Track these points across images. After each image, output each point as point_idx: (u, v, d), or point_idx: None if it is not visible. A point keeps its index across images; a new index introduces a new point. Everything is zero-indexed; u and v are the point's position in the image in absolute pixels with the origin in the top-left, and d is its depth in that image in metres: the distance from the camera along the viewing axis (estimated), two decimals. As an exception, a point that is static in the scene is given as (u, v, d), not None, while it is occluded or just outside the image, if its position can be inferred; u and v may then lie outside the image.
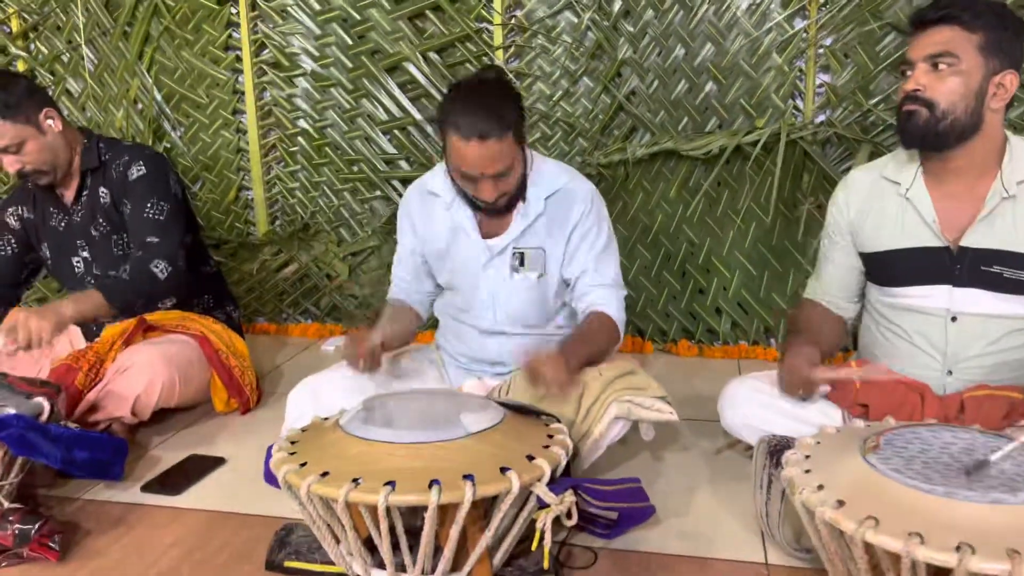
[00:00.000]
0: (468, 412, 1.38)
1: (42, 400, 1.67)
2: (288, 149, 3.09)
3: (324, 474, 1.25)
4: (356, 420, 1.37)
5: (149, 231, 2.12)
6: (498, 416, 1.39)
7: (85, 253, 2.23)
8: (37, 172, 2.10)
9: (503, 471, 1.25)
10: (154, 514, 1.74)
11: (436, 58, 2.86)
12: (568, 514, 1.28)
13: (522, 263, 1.86)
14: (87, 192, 2.19)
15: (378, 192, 3.02)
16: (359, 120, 2.98)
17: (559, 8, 2.72)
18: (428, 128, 2.91)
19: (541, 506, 1.28)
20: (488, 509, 1.32)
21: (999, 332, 1.60)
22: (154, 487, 1.84)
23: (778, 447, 1.47)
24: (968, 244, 1.59)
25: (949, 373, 1.64)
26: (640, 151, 2.70)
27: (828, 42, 2.57)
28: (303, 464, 1.29)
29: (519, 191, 1.80)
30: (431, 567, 1.30)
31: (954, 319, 1.62)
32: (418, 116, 2.90)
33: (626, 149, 2.71)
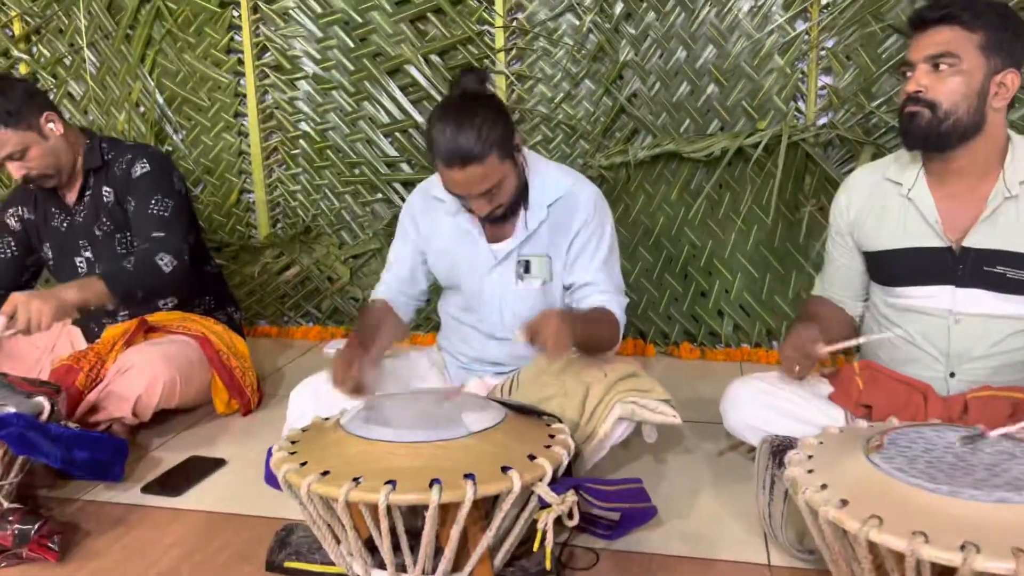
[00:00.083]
0: (469, 412, 1.37)
1: (42, 399, 1.67)
2: (290, 152, 3.09)
3: (324, 473, 1.24)
4: (357, 419, 1.37)
5: (154, 227, 2.12)
6: (499, 416, 1.39)
7: (88, 253, 2.22)
8: (42, 176, 2.10)
9: (504, 470, 1.24)
10: (154, 515, 1.73)
11: (438, 60, 2.86)
12: (570, 514, 1.27)
13: (527, 270, 1.85)
14: (90, 192, 2.19)
15: (379, 195, 3.02)
16: (361, 123, 2.98)
17: (561, 11, 2.72)
18: (430, 130, 2.92)
19: (542, 506, 1.27)
20: (489, 509, 1.31)
21: (1002, 333, 1.59)
22: (154, 488, 1.84)
23: (781, 447, 1.46)
24: (970, 244, 1.58)
25: (952, 375, 1.63)
26: (642, 153, 2.69)
27: (830, 44, 2.57)
28: (303, 463, 1.29)
29: (518, 199, 1.80)
30: (432, 567, 1.29)
31: (957, 320, 1.61)
32: (419, 119, 2.90)
33: (628, 151, 2.71)
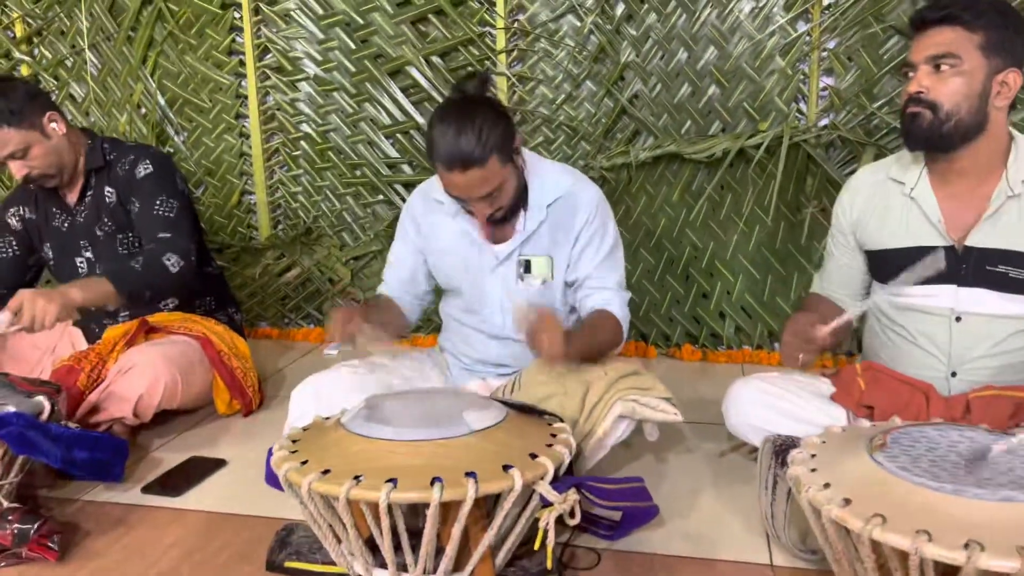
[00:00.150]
0: (471, 410, 1.37)
1: (42, 399, 1.66)
2: (291, 153, 3.09)
3: (325, 472, 1.23)
4: (358, 418, 1.36)
5: (160, 228, 2.12)
6: (501, 414, 1.38)
7: (88, 253, 2.22)
8: (44, 176, 2.10)
9: (506, 469, 1.23)
10: (154, 515, 1.73)
11: (439, 62, 2.86)
12: (571, 513, 1.26)
13: (528, 270, 1.85)
14: (92, 192, 2.19)
15: (381, 196, 3.02)
16: (362, 124, 2.98)
17: (562, 12, 2.72)
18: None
19: (544, 505, 1.27)
20: (491, 508, 1.31)
21: (1004, 332, 1.59)
22: (155, 488, 1.83)
23: (783, 447, 1.45)
24: (973, 244, 1.58)
25: (953, 374, 1.63)
26: (643, 154, 2.69)
27: (831, 45, 2.57)
28: (304, 462, 1.28)
29: (518, 200, 1.80)
30: (433, 567, 1.29)
31: (958, 319, 1.61)
32: (421, 120, 2.90)
33: (629, 153, 2.71)
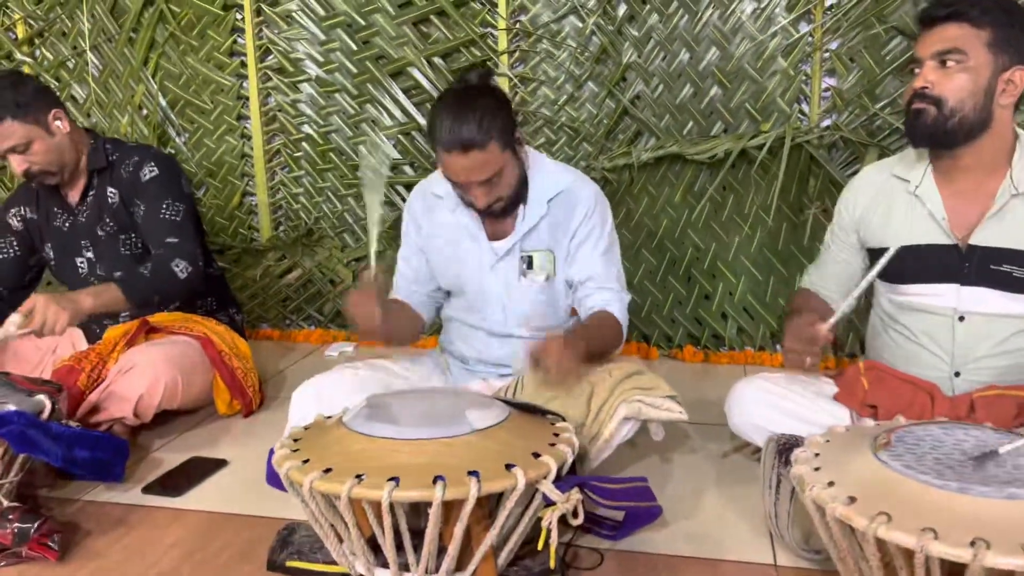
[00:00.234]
0: (473, 409, 1.36)
1: (43, 398, 1.66)
2: (292, 154, 3.09)
3: (327, 470, 1.23)
4: (360, 417, 1.36)
5: (167, 232, 2.12)
6: (503, 414, 1.38)
7: (89, 253, 2.22)
8: (44, 173, 2.10)
9: (508, 468, 1.23)
10: (155, 515, 1.72)
11: (441, 63, 2.86)
12: (574, 512, 1.26)
13: (530, 266, 1.85)
14: (94, 192, 2.19)
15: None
16: (364, 125, 2.98)
17: (564, 13, 2.72)
18: (432, 133, 2.91)
19: (547, 504, 1.26)
20: (493, 508, 1.30)
21: (1007, 332, 1.58)
22: (155, 489, 1.83)
23: (787, 446, 1.44)
24: (977, 242, 1.57)
25: (957, 374, 1.62)
26: (645, 155, 2.69)
27: (833, 46, 2.57)
28: (306, 461, 1.28)
29: (518, 194, 1.79)
30: (435, 567, 1.28)
31: (961, 318, 1.60)
32: (422, 121, 2.90)
33: (631, 153, 2.70)
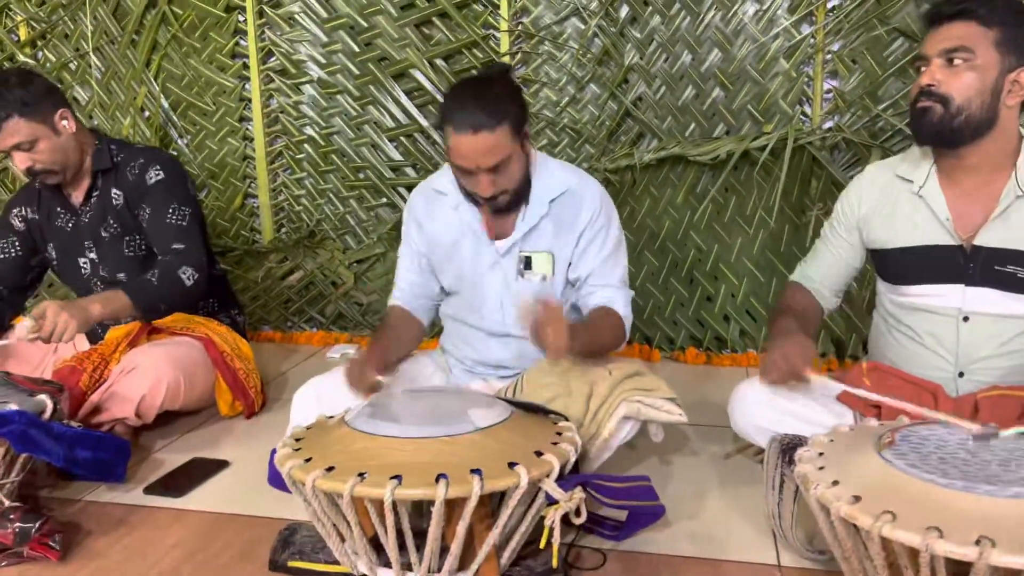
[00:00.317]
0: (475, 408, 1.36)
1: (45, 397, 1.65)
2: (294, 156, 3.09)
3: (329, 469, 1.23)
4: (362, 416, 1.36)
5: (173, 238, 2.12)
6: (505, 412, 1.38)
7: (92, 254, 2.22)
8: (47, 171, 2.09)
9: (511, 466, 1.22)
10: (156, 516, 1.71)
11: (443, 65, 2.86)
12: (577, 511, 1.25)
13: (528, 266, 1.84)
14: (97, 193, 2.19)
15: (384, 199, 3.02)
16: (365, 127, 2.98)
17: (566, 15, 2.72)
18: (435, 135, 2.91)
19: (550, 503, 1.26)
20: (496, 507, 1.30)
21: (1011, 332, 1.58)
22: (157, 489, 1.82)
23: (790, 446, 1.44)
24: (982, 243, 1.57)
25: (960, 375, 1.62)
26: (647, 157, 2.69)
27: (836, 47, 2.57)
28: (308, 459, 1.27)
29: (521, 191, 1.79)
30: (437, 566, 1.27)
31: (966, 319, 1.60)
32: (425, 123, 2.90)
33: (633, 155, 2.70)
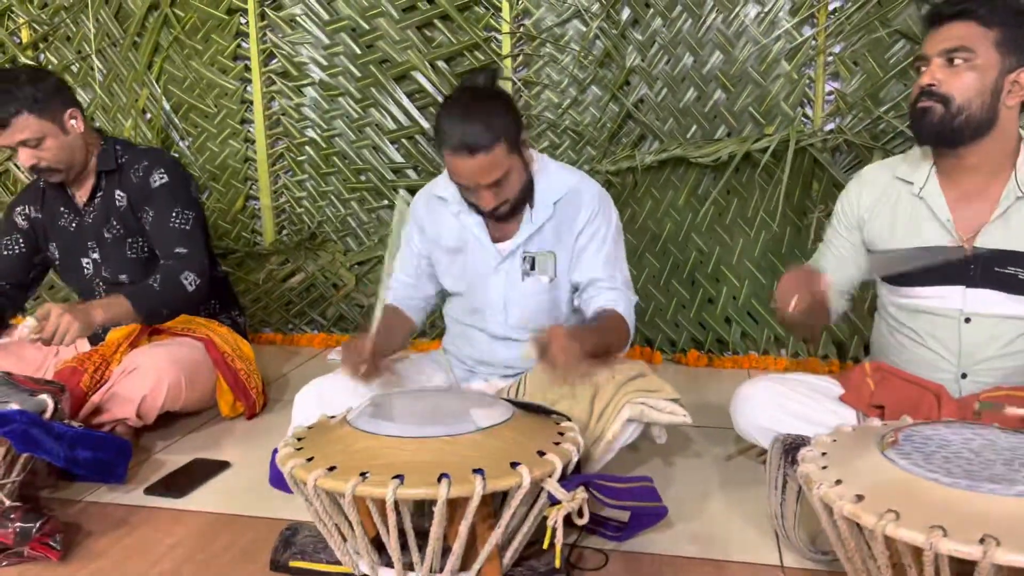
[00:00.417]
0: (477, 408, 1.36)
1: (46, 397, 1.65)
2: (296, 158, 3.09)
3: (331, 468, 1.22)
4: (364, 415, 1.35)
5: (176, 242, 2.12)
6: (508, 412, 1.37)
7: (95, 255, 2.22)
8: (51, 169, 2.09)
9: (514, 466, 1.22)
10: (157, 516, 1.71)
11: (444, 67, 2.86)
12: (579, 511, 1.25)
13: (532, 267, 1.84)
14: (102, 194, 2.19)
15: (385, 201, 3.02)
16: (367, 129, 2.99)
17: (567, 17, 2.73)
18: (436, 136, 2.92)
19: (552, 502, 1.26)
20: (498, 507, 1.30)
21: (1013, 333, 1.57)
22: (158, 490, 1.82)
23: (793, 445, 1.43)
24: (982, 245, 1.57)
25: (963, 376, 1.61)
26: (648, 159, 2.69)
27: (837, 49, 2.57)
28: (310, 459, 1.27)
29: (524, 196, 1.79)
30: (440, 566, 1.27)
31: (967, 320, 1.59)
32: (426, 125, 2.90)
33: (634, 157, 2.70)
